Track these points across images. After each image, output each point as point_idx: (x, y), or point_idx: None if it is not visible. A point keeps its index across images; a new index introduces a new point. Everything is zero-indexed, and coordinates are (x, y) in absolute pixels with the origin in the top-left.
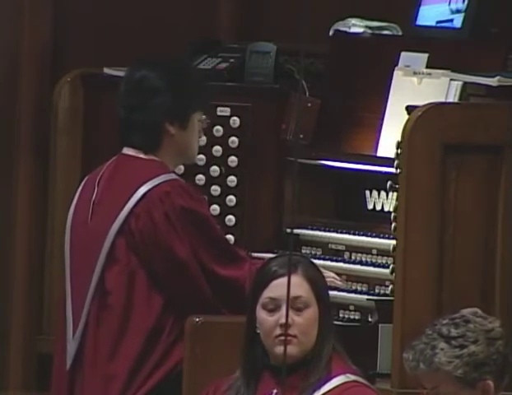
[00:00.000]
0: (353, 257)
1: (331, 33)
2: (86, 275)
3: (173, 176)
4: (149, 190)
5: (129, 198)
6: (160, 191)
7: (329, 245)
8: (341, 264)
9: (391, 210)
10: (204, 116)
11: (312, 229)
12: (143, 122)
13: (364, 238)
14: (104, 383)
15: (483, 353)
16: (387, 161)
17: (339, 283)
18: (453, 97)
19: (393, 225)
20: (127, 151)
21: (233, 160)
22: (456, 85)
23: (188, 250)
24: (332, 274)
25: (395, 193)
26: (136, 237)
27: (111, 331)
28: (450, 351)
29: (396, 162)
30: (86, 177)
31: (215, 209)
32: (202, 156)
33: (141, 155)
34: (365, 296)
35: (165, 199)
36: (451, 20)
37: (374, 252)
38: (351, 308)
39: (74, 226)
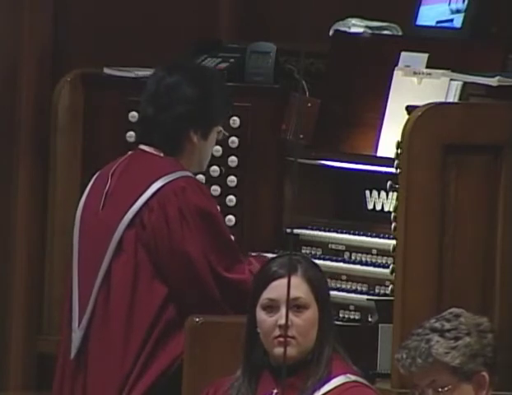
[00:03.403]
0: (353, 257)
1: (331, 33)
2: (94, 265)
3: (188, 173)
4: (164, 184)
5: (144, 191)
6: (175, 186)
7: (329, 245)
8: (341, 264)
9: (391, 210)
10: (221, 128)
11: (312, 229)
12: (169, 125)
13: (364, 238)
14: (108, 374)
15: (477, 344)
16: (387, 161)
17: None
18: (453, 97)
19: (393, 225)
20: (145, 147)
21: (233, 160)
22: (456, 85)
23: (199, 249)
24: None
25: (395, 193)
26: (147, 230)
27: (115, 322)
28: (446, 343)
29: (396, 162)
30: (98, 172)
31: None
32: None
33: (160, 155)
34: (365, 296)
35: (180, 194)
36: (451, 20)
37: (374, 252)
38: (351, 308)
39: (84, 217)
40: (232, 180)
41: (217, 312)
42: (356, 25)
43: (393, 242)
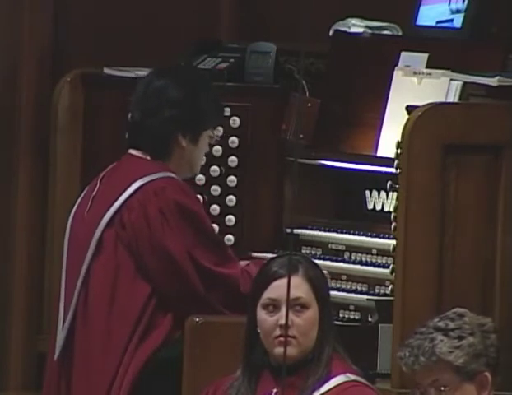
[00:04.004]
0: (353, 257)
1: (331, 33)
2: (77, 266)
3: (170, 174)
4: (144, 184)
5: (123, 191)
6: (155, 186)
7: (329, 245)
8: (341, 264)
9: (391, 210)
10: (214, 133)
11: (312, 229)
12: (156, 129)
13: (364, 238)
14: (93, 375)
15: (481, 344)
16: (387, 161)
17: None
18: (453, 97)
19: (393, 225)
20: (133, 152)
21: (233, 160)
22: (456, 85)
23: (181, 246)
24: None
25: (395, 193)
26: (127, 229)
27: (97, 322)
28: (450, 342)
29: (396, 162)
30: (92, 181)
31: (215, 209)
32: None
33: (147, 158)
34: (365, 296)
35: (159, 194)
36: (451, 20)
37: (374, 252)
38: (351, 308)
39: (73, 222)
40: (232, 180)
41: (203, 308)
42: (356, 25)
43: (393, 242)
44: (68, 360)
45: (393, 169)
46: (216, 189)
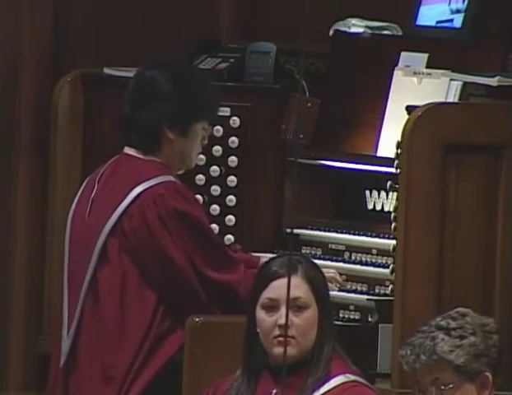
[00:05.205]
0: (353, 257)
1: (331, 33)
2: (80, 272)
3: (169, 178)
4: (143, 191)
5: (124, 198)
6: (154, 192)
7: (329, 245)
8: (341, 264)
9: (391, 210)
10: (208, 126)
11: (312, 229)
12: (144, 123)
13: (364, 238)
14: (100, 382)
15: (482, 344)
16: (387, 161)
17: (339, 280)
18: (453, 97)
19: (393, 225)
20: (128, 150)
21: (233, 160)
22: (456, 85)
23: (181, 252)
24: (333, 272)
25: (395, 193)
26: (128, 237)
27: (106, 330)
28: (451, 341)
29: (396, 162)
30: (89, 176)
31: (215, 209)
32: (202, 156)
33: (141, 156)
34: (365, 296)
35: (158, 201)
36: (451, 20)
37: (374, 252)
38: (351, 308)
39: (73, 222)
40: (232, 180)
41: (207, 313)
42: (356, 25)
43: (393, 242)
44: (74, 367)
45: (393, 169)
46: (216, 189)
